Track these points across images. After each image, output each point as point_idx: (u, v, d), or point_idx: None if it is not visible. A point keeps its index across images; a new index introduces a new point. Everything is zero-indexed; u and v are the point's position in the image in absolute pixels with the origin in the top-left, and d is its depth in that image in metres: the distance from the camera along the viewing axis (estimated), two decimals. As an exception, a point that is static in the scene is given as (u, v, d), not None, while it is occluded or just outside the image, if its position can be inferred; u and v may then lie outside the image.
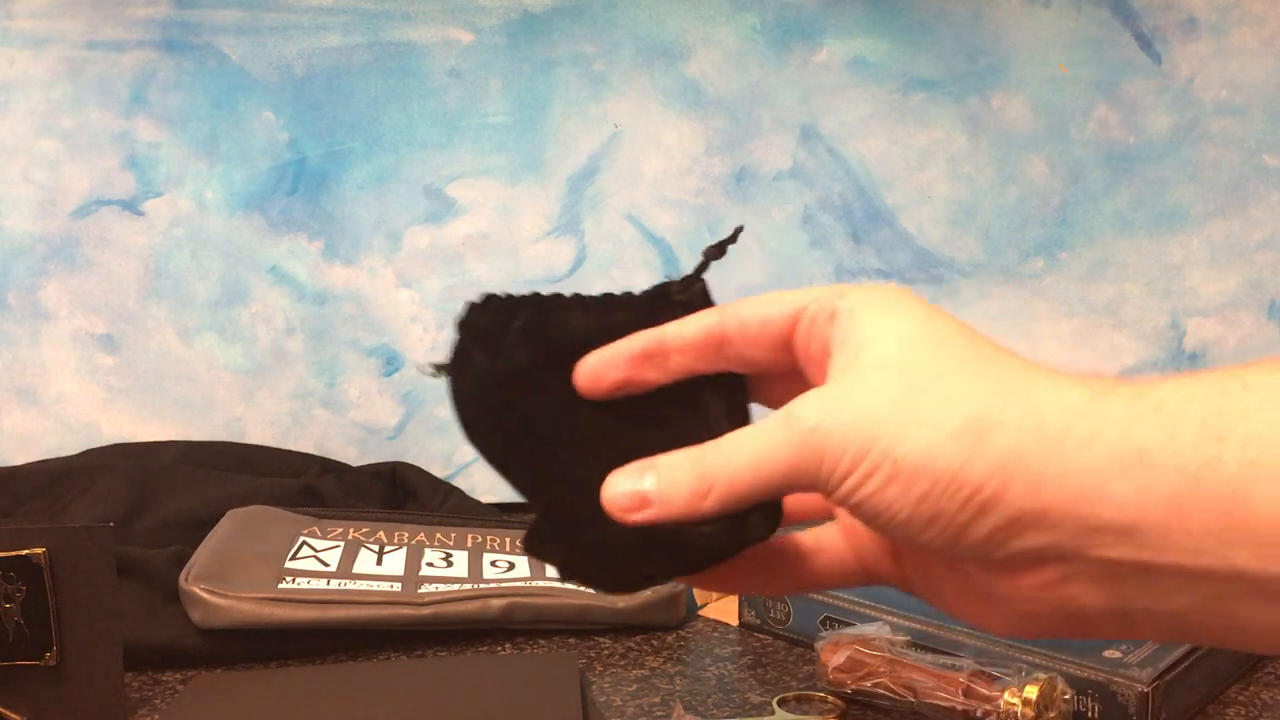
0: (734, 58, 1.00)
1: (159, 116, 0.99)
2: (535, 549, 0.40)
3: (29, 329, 1.01)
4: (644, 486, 0.37)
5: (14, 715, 0.59)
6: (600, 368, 0.39)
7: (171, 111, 0.99)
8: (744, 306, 0.39)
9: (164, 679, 0.67)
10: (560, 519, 0.39)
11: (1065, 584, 0.33)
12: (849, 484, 0.33)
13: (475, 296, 0.40)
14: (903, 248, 1.01)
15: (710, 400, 0.39)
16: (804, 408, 0.34)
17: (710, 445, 0.36)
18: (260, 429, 1.03)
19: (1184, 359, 1.01)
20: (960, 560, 0.35)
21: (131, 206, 1.00)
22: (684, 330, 0.39)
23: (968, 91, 1.00)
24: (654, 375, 0.39)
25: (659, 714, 0.61)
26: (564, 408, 0.39)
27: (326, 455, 1.01)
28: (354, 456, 1.02)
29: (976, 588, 0.36)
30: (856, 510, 0.34)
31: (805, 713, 0.62)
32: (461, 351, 0.40)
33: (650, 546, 0.37)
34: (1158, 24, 0.98)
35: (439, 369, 0.40)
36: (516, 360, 0.39)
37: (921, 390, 0.33)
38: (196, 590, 0.69)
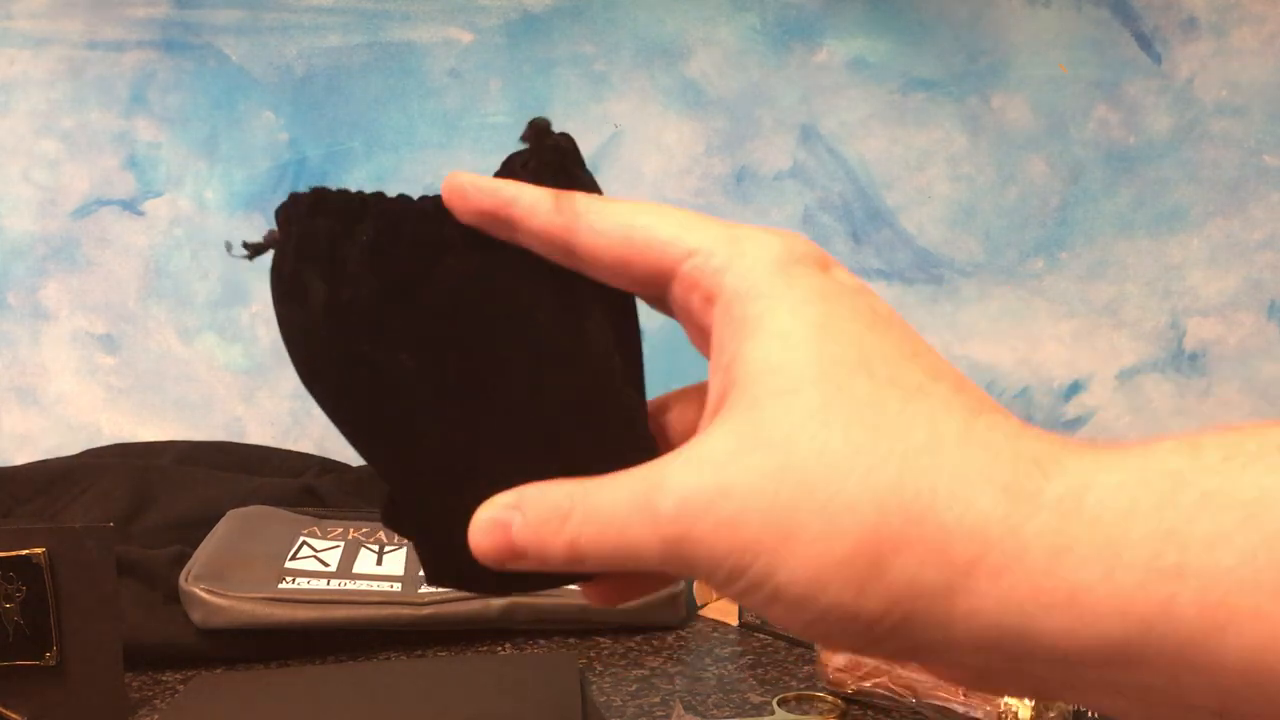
0: (734, 58, 1.00)
1: (159, 116, 0.99)
2: (396, 526, 0.35)
3: (29, 329, 1.01)
4: (514, 538, 0.31)
5: (14, 715, 0.59)
6: (458, 190, 0.31)
7: (171, 111, 0.99)
8: (601, 222, 0.31)
9: (164, 679, 0.67)
10: (411, 502, 0.34)
11: (989, 677, 0.28)
12: (730, 593, 0.28)
13: (303, 190, 0.32)
14: (903, 248, 1.01)
15: (595, 316, 0.32)
16: (666, 499, 0.28)
17: (580, 500, 0.30)
18: (260, 429, 1.03)
19: (1184, 359, 1.01)
20: None
21: (131, 206, 1.00)
22: (534, 215, 0.31)
23: (968, 91, 1.00)
24: (504, 235, 0.32)
25: (659, 714, 0.61)
26: (423, 356, 0.31)
27: (326, 455, 1.01)
28: (354, 456, 1.02)
29: None
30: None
31: (805, 713, 0.62)
32: (293, 275, 0.31)
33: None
34: (1158, 24, 0.98)
35: (255, 248, 0.32)
36: (362, 290, 0.31)
37: (806, 492, 0.26)
38: (196, 590, 0.69)
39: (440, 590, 0.72)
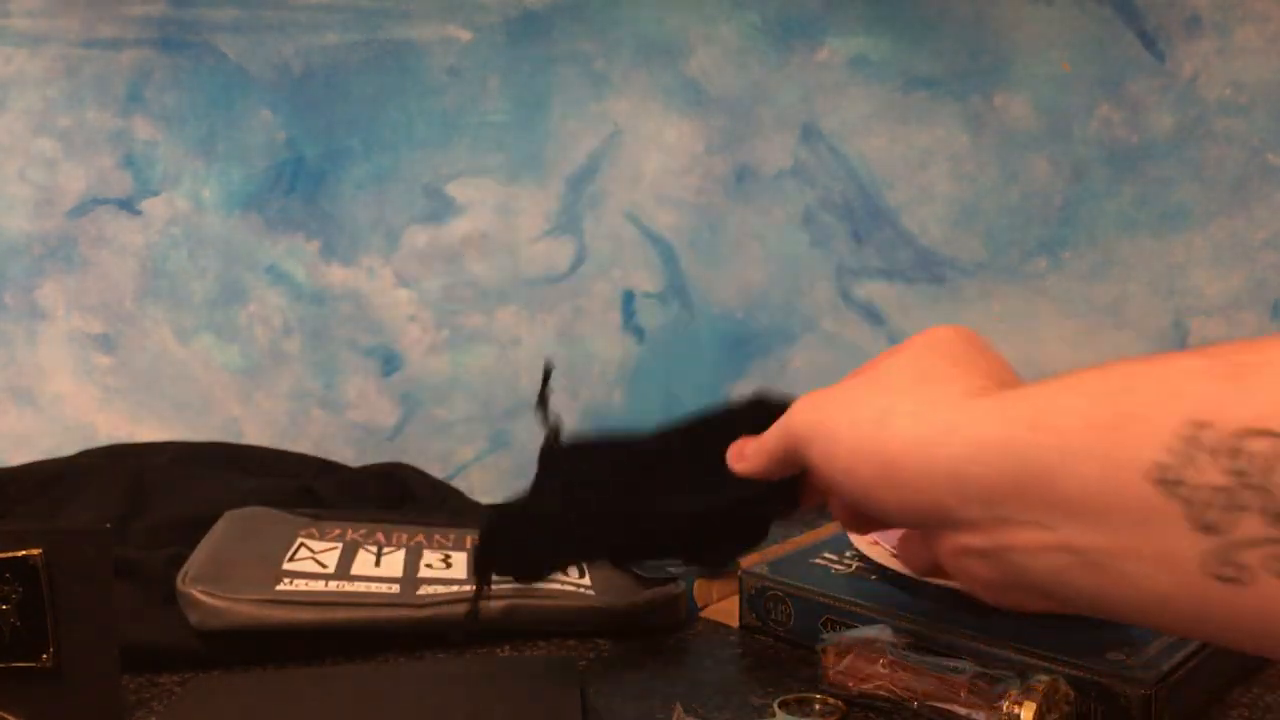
0: (735, 56, 0.99)
1: (156, 115, 0.99)
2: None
3: (25, 329, 1.00)
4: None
5: (10, 717, 0.59)
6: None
7: (168, 110, 0.99)
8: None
9: (161, 681, 0.67)
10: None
11: (961, 558, 0.42)
12: (812, 458, 0.48)
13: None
14: (904, 247, 1.01)
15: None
16: (798, 408, 0.50)
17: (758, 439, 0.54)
18: (258, 429, 1.02)
19: (1187, 359, 1.01)
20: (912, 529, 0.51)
21: (128, 206, 1.00)
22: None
23: (970, 90, 0.99)
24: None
25: (659, 716, 0.61)
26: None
27: (324, 456, 1.01)
28: (352, 457, 1.02)
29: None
30: (822, 482, 0.48)
31: (806, 715, 0.61)
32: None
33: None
34: (1161, 22, 0.97)
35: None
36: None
37: (871, 393, 0.46)
38: (194, 592, 0.68)
39: (439, 591, 0.72)
